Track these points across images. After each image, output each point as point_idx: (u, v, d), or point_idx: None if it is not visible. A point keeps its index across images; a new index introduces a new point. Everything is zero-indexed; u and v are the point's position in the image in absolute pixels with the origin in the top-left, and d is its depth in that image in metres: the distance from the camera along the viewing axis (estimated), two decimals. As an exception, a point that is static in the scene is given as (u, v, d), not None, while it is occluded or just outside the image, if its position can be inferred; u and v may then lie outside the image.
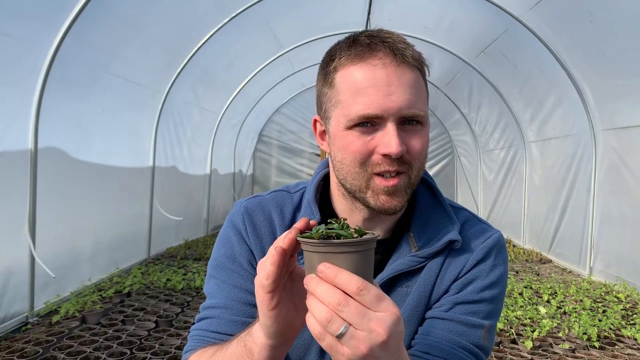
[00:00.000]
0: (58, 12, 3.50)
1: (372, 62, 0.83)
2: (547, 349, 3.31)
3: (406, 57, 0.83)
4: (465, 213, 1.01)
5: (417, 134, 0.85)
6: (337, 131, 0.86)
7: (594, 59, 4.76)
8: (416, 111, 0.83)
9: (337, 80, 0.86)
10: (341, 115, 0.85)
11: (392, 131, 0.81)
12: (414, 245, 0.93)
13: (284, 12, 6.25)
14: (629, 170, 4.73)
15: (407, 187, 0.87)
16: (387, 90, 0.81)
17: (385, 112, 0.81)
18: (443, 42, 6.87)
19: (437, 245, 0.92)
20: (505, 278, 0.95)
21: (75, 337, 3.25)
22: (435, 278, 0.92)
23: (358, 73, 0.83)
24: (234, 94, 7.83)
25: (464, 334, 0.87)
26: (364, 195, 0.87)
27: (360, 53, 0.84)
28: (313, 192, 0.98)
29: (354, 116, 0.82)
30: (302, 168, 10.91)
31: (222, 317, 0.92)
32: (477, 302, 0.90)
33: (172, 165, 6.51)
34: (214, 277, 0.97)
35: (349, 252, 0.63)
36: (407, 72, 0.83)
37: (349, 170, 0.86)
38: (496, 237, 0.95)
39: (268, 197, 1.02)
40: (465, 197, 9.81)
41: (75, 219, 4.28)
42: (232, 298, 0.93)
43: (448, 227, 0.94)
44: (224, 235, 1.00)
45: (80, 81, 4.12)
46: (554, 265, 6.17)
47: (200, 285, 4.61)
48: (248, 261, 0.96)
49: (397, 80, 0.82)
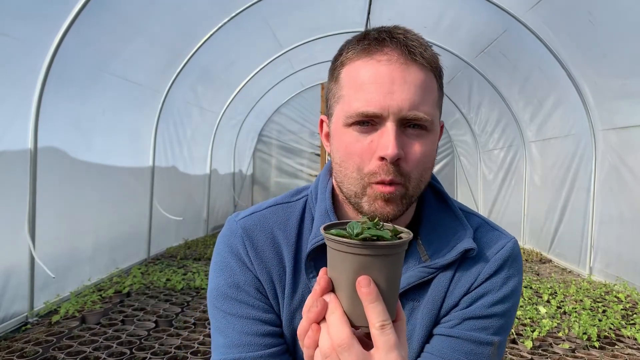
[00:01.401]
0: (58, 12, 3.50)
1: (377, 58, 0.78)
2: (547, 348, 3.31)
3: (415, 54, 0.77)
4: (478, 219, 0.93)
5: (419, 140, 0.78)
6: (337, 128, 0.82)
7: (594, 59, 4.76)
8: (419, 113, 0.76)
9: (342, 75, 0.82)
10: (341, 111, 0.81)
11: (390, 132, 0.75)
12: (423, 254, 0.87)
13: (284, 11, 6.25)
14: (629, 170, 4.73)
15: (403, 197, 0.80)
16: (390, 88, 0.76)
17: (384, 111, 0.75)
18: (443, 42, 6.87)
19: (450, 255, 0.85)
20: (519, 289, 0.88)
21: (75, 337, 3.25)
22: (446, 291, 0.86)
23: (362, 68, 0.79)
24: (234, 94, 7.83)
25: (472, 353, 0.82)
26: (359, 201, 0.81)
27: (367, 47, 0.79)
28: (330, 200, 0.89)
29: (352, 113, 0.77)
30: (302, 168, 10.91)
31: (243, 357, 0.83)
32: (487, 317, 0.84)
33: (172, 165, 6.51)
34: (219, 310, 0.87)
35: (389, 255, 0.59)
36: (415, 72, 0.77)
37: (346, 173, 0.81)
38: (511, 245, 0.88)
39: (266, 212, 0.92)
40: (465, 197, 9.82)
41: (75, 219, 4.28)
42: (247, 332, 0.84)
43: (460, 234, 0.87)
44: (221, 261, 0.89)
45: (80, 81, 4.12)
46: (553, 265, 6.17)
47: (200, 285, 4.61)
48: (255, 289, 0.87)
49: (402, 78, 0.76)
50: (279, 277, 0.87)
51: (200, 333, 3.43)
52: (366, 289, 0.58)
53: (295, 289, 0.87)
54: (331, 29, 7.22)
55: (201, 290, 4.52)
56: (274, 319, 0.87)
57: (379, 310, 0.58)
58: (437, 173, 10.55)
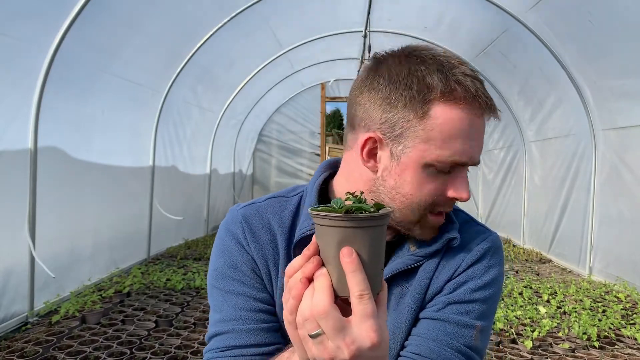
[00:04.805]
0: (58, 12, 3.50)
1: (473, 111, 0.82)
2: (547, 348, 3.32)
3: (492, 110, 0.84)
4: (464, 215, 1.01)
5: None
6: (412, 164, 0.83)
7: (594, 59, 4.76)
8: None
9: (435, 114, 0.81)
10: (428, 152, 0.82)
11: (466, 178, 0.84)
12: (412, 245, 0.93)
13: (284, 11, 6.25)
14: (629, 170, 4.73)
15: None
16: (476, 140, 0.84)
17: (470, 161, 0.83)
18: (443, 42, 6.87)
19: (436, 244, 0.92)
20: (501, 280, 0.94)
21: (75, 337, 3.25)
22: (431, 277, 0.92)
23: (462, 118, 0.81)
24: (234, 94, 7.83)
25: (455, 334, 0.86)
26: (412, 227, 0.89)
27: (465, 97, 0.81)
28: (316, 196, 0.96)
29: (445, 159, 0.82)
30: (302, 168, 10.91)
31: (236, 329, 0.89)
32: (469, 302, 0.89)
33: (172, 165, 6.51)
34: (217, 288, 0.93)
35: (370, 227, 0.62)
36: (484, 122, 0.86)
37: (409, 205, 0.86)
38: (492, 238, 0.96)
39: (264, 203, 0.99)
40: (465, 197, 9.80)
41: (75, 219, 4.28)
42: (241, 307, 0.90)
43: (447, 226, 0.94)
44: (221, 244, 0.96)
45: (80, 81, 4.12)
46: (553, 265, 6.17)
47: (200, 285, 4.61)
48: (251, 269, 0.93)
49: (483, 131, 0.85)
50: (273, 261, 0.94)
51: (200, 333, 3.43)
52: (348, 259, 0.61)
53: None
54: (331, 29, 7.22)
55: (201, 290, 4.52)
56: (268, 298, 0.93)
57: (358, 279, 0.61)
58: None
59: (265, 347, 0.88)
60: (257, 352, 0.87)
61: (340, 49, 8.00)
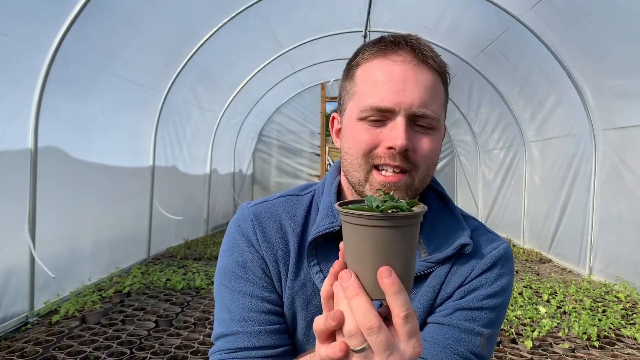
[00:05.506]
0: (58, 12, 3.50)
1: (392, 58, 0.85)
2: (547, 348, 3.32)
3: (427, 58, 0.84)
4: (475, 222, 0.99)
5: (427, 136, 0.85)
6: (349, 122, 0.88)
7: (594, 59, 4.76)
8: (427, 111, 0.83)
9: (358, 73, 0.88)
10: (355, 107, 0.87)
11: (400, 125, 0.82)
12: (423, 250, 0.91)
13: (284, 11, 6.25)
14: (629, 170, 4.73)
15: (409, 187, 0.85)
16: (402, 86, 0.83)
17: (396, 106, 0.82)
18: (443, 42, 6.87)
19: (448, 250, 0.90)
20: (510, 289, 0.93)
21: (75, 337, 3.25)
22: (442, 283, 0.91)
23: (377, 67, 0.85)
24: (234, 94, 7.83)
25: (462, 340, 0.86)
26: (362, 189, 0.87)
27: (382, 49, 0.86)
28: (335, 195, 0.94)
29: (366, 107, 0.84)
30: (302, 168, 10.91)
31: (244, 330, 0.88)
32: (478, 309, 0.88)
33: (172, 165, 6.51)
34: (225, 287, 0.92)
35: (407, 225, 0.60)
36: (426, 73, 0.85)
37: (352, 160, 0.87)
38: (504, 247, 0.95)
39: (276, 202, 0.99)
40: (465, 197, 9.82)
41: (75, 219, 4.28)
42: (250, 308, 0.89)
43: (459, 233, 0.92)
44: (231, 242, 0.95)
45: (80, 81, 4.12)
46: (553, 265, 6.17)
47: (200, 285, 4.61)
48: (261, 269, 0.92)
49: (414, 78, 0.83)
50: (283, 261, 0.93)
51: (200, 333, 3.43)
52: (388, 280, 0.59)
53: (297, 274, 0.93)
54: (331, 29, 7.22)
55: (201, 290, 4.52)
56: (276, 299, 0.93)
57: (402, 300, 0.59)
58: (437, 173, 10.47)
59: (273, 349, 0.88)
60: (265, 354, 0.87)
61: (340, 49, 7.99)
